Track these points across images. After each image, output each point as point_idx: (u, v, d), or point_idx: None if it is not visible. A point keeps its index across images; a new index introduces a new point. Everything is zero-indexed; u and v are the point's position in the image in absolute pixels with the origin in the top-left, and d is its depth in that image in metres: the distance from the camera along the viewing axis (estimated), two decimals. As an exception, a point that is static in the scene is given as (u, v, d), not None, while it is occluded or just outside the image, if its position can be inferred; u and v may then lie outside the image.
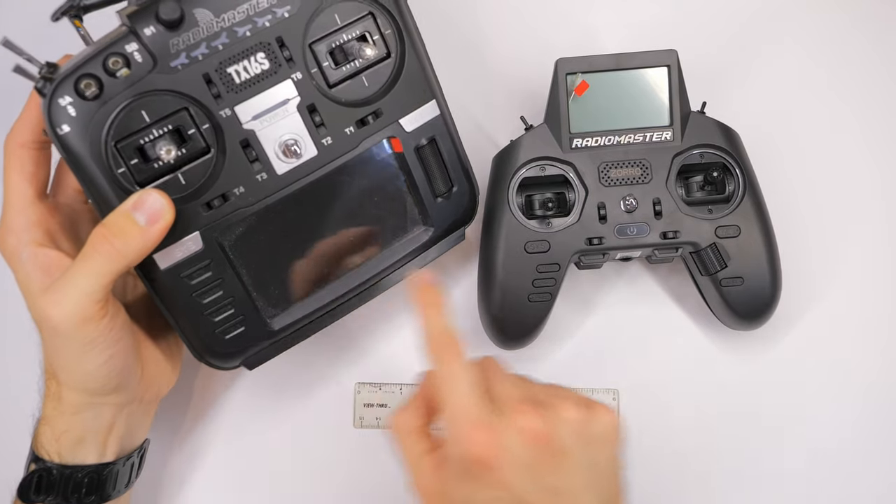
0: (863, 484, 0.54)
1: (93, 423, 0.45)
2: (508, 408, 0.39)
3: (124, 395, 0.46)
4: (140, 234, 0.41)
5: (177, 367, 0.51)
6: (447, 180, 0.48)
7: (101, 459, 0.46)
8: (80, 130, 0.40)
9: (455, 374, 0.39)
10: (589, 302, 0.57)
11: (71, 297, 0.41)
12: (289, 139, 0.44)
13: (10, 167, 0.44)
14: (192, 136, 0.42)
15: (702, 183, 0.52)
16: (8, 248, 0.44)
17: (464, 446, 0.38)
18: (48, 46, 0.44)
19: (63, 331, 0.41)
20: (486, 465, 0.37)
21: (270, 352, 0.49)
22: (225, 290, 0.45)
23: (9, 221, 0.44)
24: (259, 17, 0.42)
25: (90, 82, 0.40)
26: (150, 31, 0.40)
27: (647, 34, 0.59)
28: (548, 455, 0.38)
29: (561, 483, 0.38)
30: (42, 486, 0.45)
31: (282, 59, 0.43)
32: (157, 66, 0.41)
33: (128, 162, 0.41)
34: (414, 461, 0.41)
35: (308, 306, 0.48)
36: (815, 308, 0.56)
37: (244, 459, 0.56)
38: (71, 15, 0.43)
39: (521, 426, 0.38)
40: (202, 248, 0.44)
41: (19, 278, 0.43)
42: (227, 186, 0.43)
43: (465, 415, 0.38)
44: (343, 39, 0.43)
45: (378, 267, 0.49)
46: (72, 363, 0.43)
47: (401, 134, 0.46)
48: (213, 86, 0.42)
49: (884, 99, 0.58)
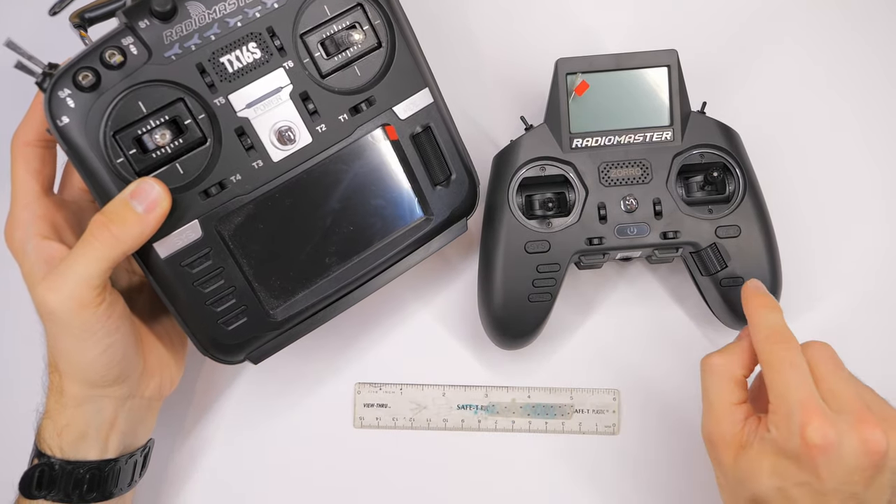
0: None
1: (94, 417, 0.46)
2: (852, 412, 0.40)
3: (125, 387, 0.46)
4: (137, 221, 0.42)
5: (180, 364, 0.51)
6: (445, 168, 0.49)
7: (102, 455, 0.46)
8: (80, 121, 0.41)
9: (794, 360, 0.41)
10: (589, 302, 0.57)
11: (68, 282, 0.41)
12: (282, 125, 0.45)
13: (16, 164, 0.45)
14: (189, 125, 0.43)
15: (702, 183, 0.52)
16: (14, 241, 0.45)
17: (796, 427, 0.40)
18: (51, 50, 0.44)
19: (60, 316, 0.42)
20: (815, 451, 0.39)
21: (274, 345, 0.49)
22: (226, 279, 0.46)
23: (15, 215, 0.45)
24: (249, 7, 0.43)
25: (87, 74, 0.41)
26: (145, 23, 0.42)
27: (647, 34, 0.59)
28: (871, 469, 0.40)
29: (865, 496, 0.40)
30: (44, 482, 0.45)
31: (273, 49, 0.44)
32: (152, 57, 0.42)
33: (126, 152, 0.42)
34: (724, 406, 0.43)
35: (310, 297, 0.48)
36: (816, 308, 0.56)
37: (244, 459, 0.56)
38: (76, 25, 0.44)
39: (865, 437, 0.39)
40: (201, 235, 0.45)
41: (24, 270, 0.44)
42: (224, 174, 0.44)
43: (805, 399, 0.40)
44: (333, 30, 0.45)
45: (380, 257, 0.49)
46: (71, 351, 0.44)
47: (395, 121, 0.47)
48: (207, 75, 0.43)
49: (884, 98, 0.58)
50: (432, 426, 0.56)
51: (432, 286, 0.57)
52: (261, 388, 0.57)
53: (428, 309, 0.57)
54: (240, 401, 0.57)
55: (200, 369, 0.57)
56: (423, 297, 0.57)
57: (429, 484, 0.56)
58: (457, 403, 0.56)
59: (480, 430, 0.56)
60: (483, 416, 0.56)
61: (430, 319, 0.57)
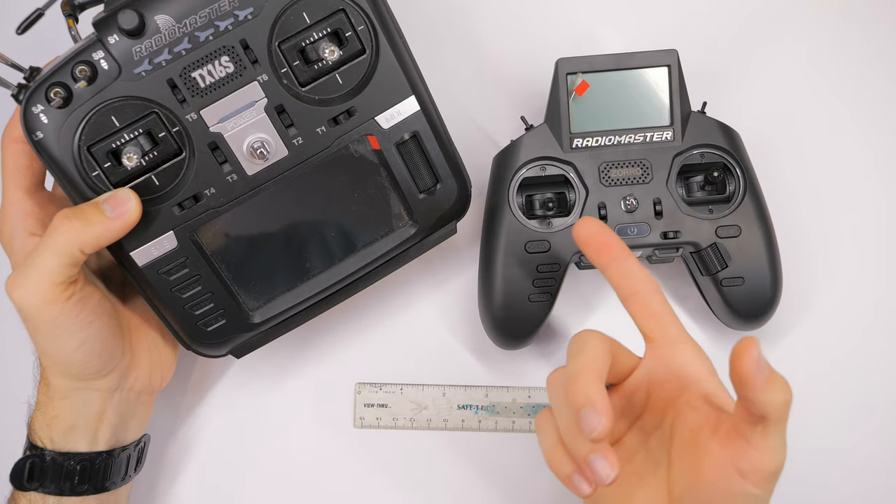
0: (863, 484, 0.54)
1: (82, 409, 0.46)
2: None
3: (110, 380, 0.46)
4: (101, 222, 0.42)
5: (173, 355, 0.51)
6: (432, 176, 0.47)
7: (92, 447, 0.46)
8: (54, 136, 0.42)
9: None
10: (589, 302, 0.57)
11: (30, 278, 0.42)
12: (255, 142, 0.44)
13: (5, 161, 0.45)
14: (163, 138, 0.43)
15: (702, 183, 0.52)
16: (4, 236, 0.45)
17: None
18: (50, 46, 0.44)
19: (27, 313, 0.42)
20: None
21: (255, 342, 0.50)
22: (203, 285, 0.46)
23: (4, 211, 0.45)
24: (220, 20, 0.42)
25: (59, 90, 0.41)
26: (114, 38, 0.41)
27: (647, 34, 0.59)
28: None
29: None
30: (35, 473, 0.45)
31: (246, 62, 0.43)
32: (122, 73, 0.41)
33: (101, 165, 0.43)
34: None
35: (290, 300, 0.48)
36: (816, 308, 0.56)
37: (244, 459, 0.56)
38: (66, 14, 0.44)
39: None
40: (177, 246, 0.45)
41: (12, 265, 0.45)
42: (199, 188, 0.44)
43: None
44: (314, 37, 0.43)
45: (361, 262, 0.48)
46: (47, 347, 0.44)
47: (377, 131, 0.45)
48: (178, 91, 0.42)
49: (884, 97, 0.58)
50: (432, 426, 0.56)
51: (432, 286, 0.57)
52: (261, 388, 0.56)
53: (428, 309, 0.57)
54: (238, 400, 0.57)
55: (194, 367, 0.57)
56: (424, 297, 0.57)
57: (429, 484, 0.56)
58: (457, 403, 0.56)
59: (481, 430, 0.56)
60: (483, 417, 0.56)
61: (430, 319, 0.57)
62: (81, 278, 0.44)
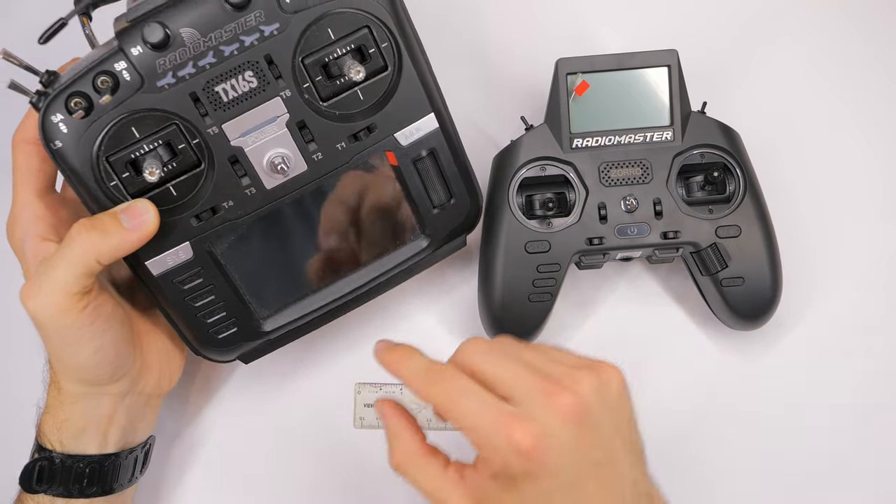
0: (863, 484, 0.54)
1: (93, 412, 0.46)
2: (530, 393, 0.36)
3: (122, 385, 0.46)
4: (119, 232, 0.41)
5: (182, 357, 0.51)
6: (446, 191, 0.48)
7: (102, 450, 0.46)
8: (73, 146, 0.41)
9: (462, 388, 0.37)
10: (589, 302, 0.57)
11: (45, 287, 0.41)
12: (276, 157, 0.44)
13: (17, 162, 0.45)
14: (183, 150, 0.42)
15: (702, 183, 0.52)
16: (14, 239, 0.45)
17: (504, 447, 0.35)
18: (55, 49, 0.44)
19: (41, 322, 0.42)
20: (534, 457, 0.35)
21: (264, 349, 0.50)
22: (216, 294, 0.46)
23: (15, 214, 0.45)
24: (246, 35, 0.41)
25: (79, 101, 0.41)
26: (137, 50, 0.40)
27: (647, 34, 0.59)
28: (587, 429, 0.36)
29: (603, 455, 0.37)
30: (44, 476, 0.45)
31: (270, 77, 0.42)
32: (145, 84, 0.41)
33: (120, 175, 0.42)
34: (436, 482, 0.39)
35: (301, 309, 0.49)
36: (816, 308, 0.56)
37: (243, 459, 0.56)
38: (80, 12, 0.43)
39: (555, 407, 0.36)
40: (192, 257, 0.45)
41: (23, 269, 0.45)
42: (217, 200, 0.44)
43: (492, 417, 0.36)
44: (337, 53, 0.42)
45: (373, 273, 0.49)
46: (60, 355, 0.44)
47: (396, 148, 0.45)
48: (201, 104, 0.42)
49: (884, 97, 0.58)
50: (433, 426, 0.56)
51: (433, 286, 0.57)
52: (261, 388, 0.56)
53: (428, 309, 0.57)
54: (239, 400, 0.57)
55: (199, 369, 0.57)
56: (424, 297, 0.57)
57: (429, 484, 0.56)
58: (457, 403, 0.56)
59: (480, 430, 0.56)
60: (483, 416, 0.56)
61: (430, 319, 0.57)
62: (96, 287, 0.43)
